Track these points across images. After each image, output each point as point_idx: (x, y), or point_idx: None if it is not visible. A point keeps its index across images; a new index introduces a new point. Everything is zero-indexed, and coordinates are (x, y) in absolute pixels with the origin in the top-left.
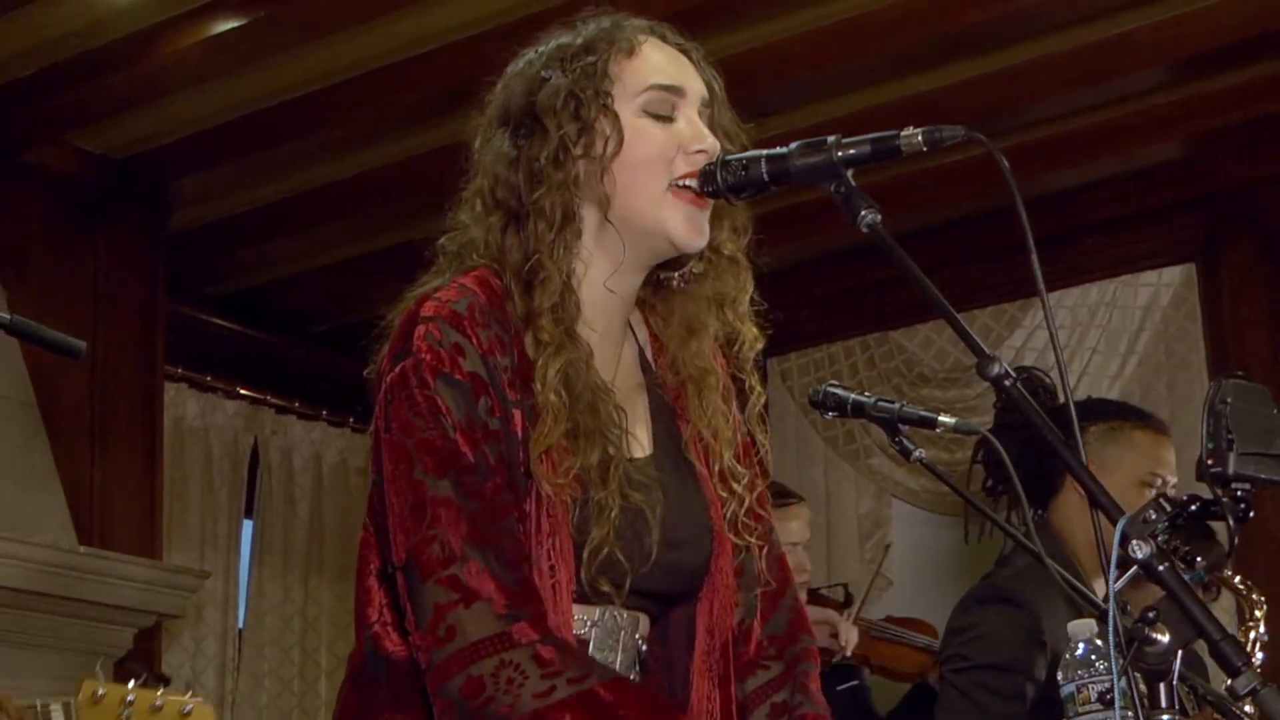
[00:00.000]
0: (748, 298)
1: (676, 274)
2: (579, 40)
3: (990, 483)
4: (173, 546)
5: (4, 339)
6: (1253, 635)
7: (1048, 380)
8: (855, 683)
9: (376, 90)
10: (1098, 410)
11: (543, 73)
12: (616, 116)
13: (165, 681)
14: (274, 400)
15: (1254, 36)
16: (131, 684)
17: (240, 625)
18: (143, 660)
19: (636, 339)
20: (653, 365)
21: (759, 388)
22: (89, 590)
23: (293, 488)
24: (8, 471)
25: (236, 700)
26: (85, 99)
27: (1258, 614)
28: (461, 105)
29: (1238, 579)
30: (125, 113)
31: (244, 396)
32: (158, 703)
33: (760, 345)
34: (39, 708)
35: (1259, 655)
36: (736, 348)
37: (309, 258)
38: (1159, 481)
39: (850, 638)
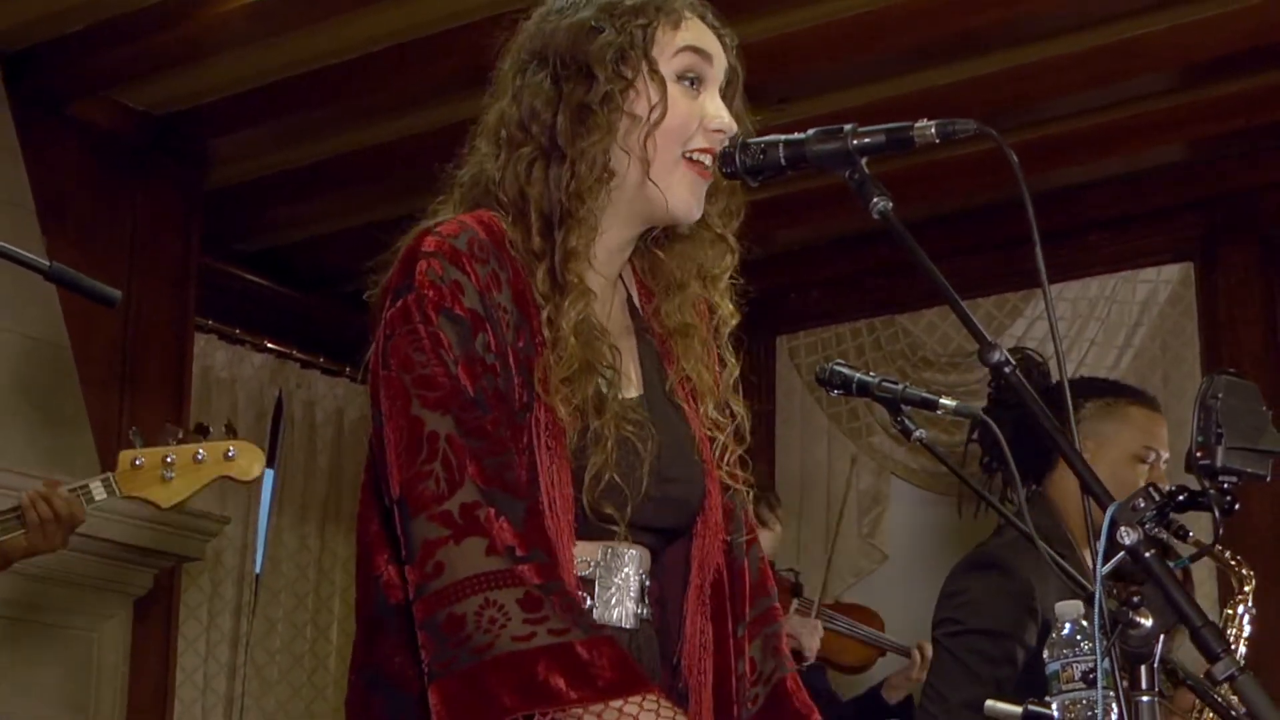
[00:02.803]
0: (727, 275)
1: (663, 234)
2: (628, 1)
3: (986, 459)
4: None
5: (42, 285)
6: (1240, 609)
7: (1040, 360)
8: (808, 662)
9: (411, 61)
10: (1094, 387)
11: (593, 23)
12: (663, 81)
13: (205, 432)
14: (299, 355)
15: (1260, 46)
16: (170, 443)
17: (258, 570)
18: (163, 602)
19: (625, 285)
20: (640, 310)
21: (733, 360)
22: (113, 530)
23: (314, 440)
24: (39, 412)
25: (251, 642)
26: (129, 57)
27: (1246, 589)
28: (489, 81)
29: (1227, 553)
30: (168, 71)
31: (271, 350)
32: (199, 455)
33: (735, 322)
34: (79, 488)
35: (1247, 629)
36: (714, 322)
37: (339, 219)
38: (1152, 456)
39: (813, 644)
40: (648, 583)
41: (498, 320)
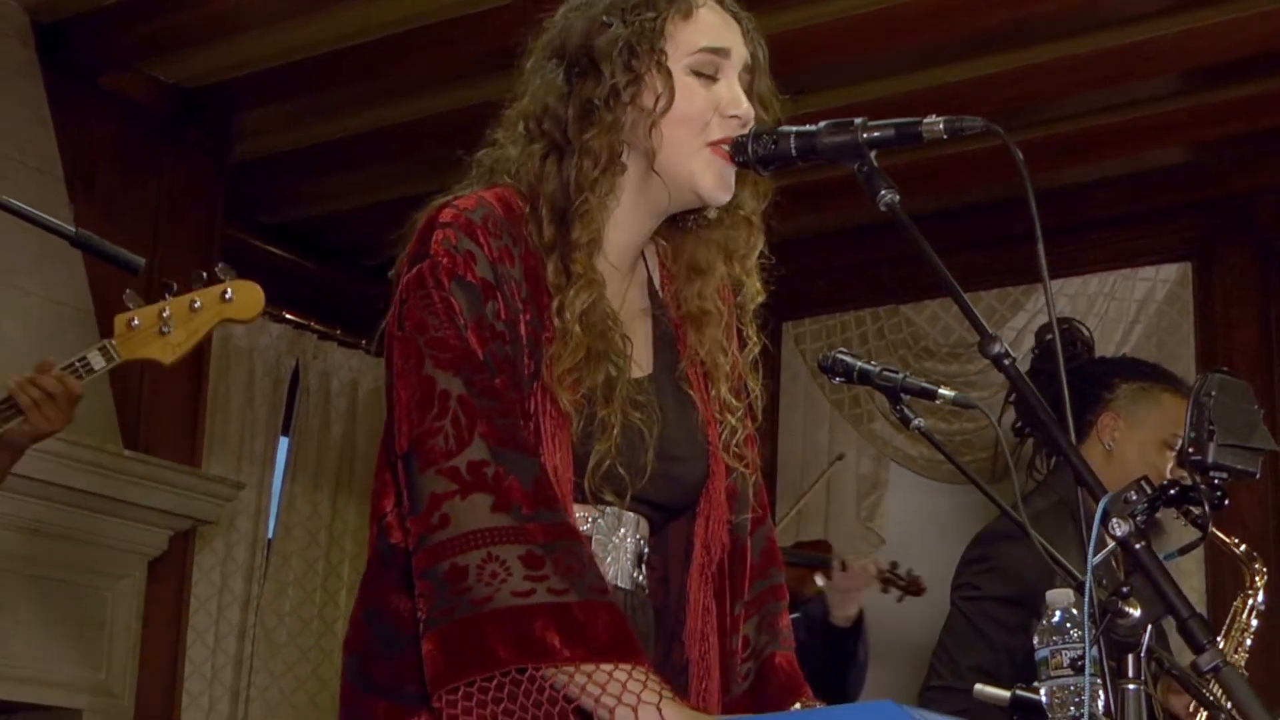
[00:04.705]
0: (755, 254)
1: (691, 218)
2: None
3: (1019, 424)
4: (212, 457)
5: (68, 250)
6: (1250, 602)
7: (1085, 333)
8: (796, 615)
9: (434, 42)
10: (1135, 369)
11: (604, 18)
12: (670, 74)
13: (202, 279)
14: (317, 326)
15: (1263, 52)
16: (166, 297)
17: (270, 535)
18: (176, 563)
19: (647, 266)
20: (660, 293)
21: (755, 338)
22: (131, 493)
23: (329, 410)
24: None
25: (261, 605)
26: (161, 31)
27: (1258, 581)
28: (511, 64)
29: (1243, 547)
30: (198, 46)
31: (289, 321)
32: (195, 303)
33: (761, 299)
34: (77, 363)
35: (1253, 624)
36: (740, 298)
37: (360, 195)
38: (1179, 443)
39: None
40: (645, 550)
41: (509, 292)
